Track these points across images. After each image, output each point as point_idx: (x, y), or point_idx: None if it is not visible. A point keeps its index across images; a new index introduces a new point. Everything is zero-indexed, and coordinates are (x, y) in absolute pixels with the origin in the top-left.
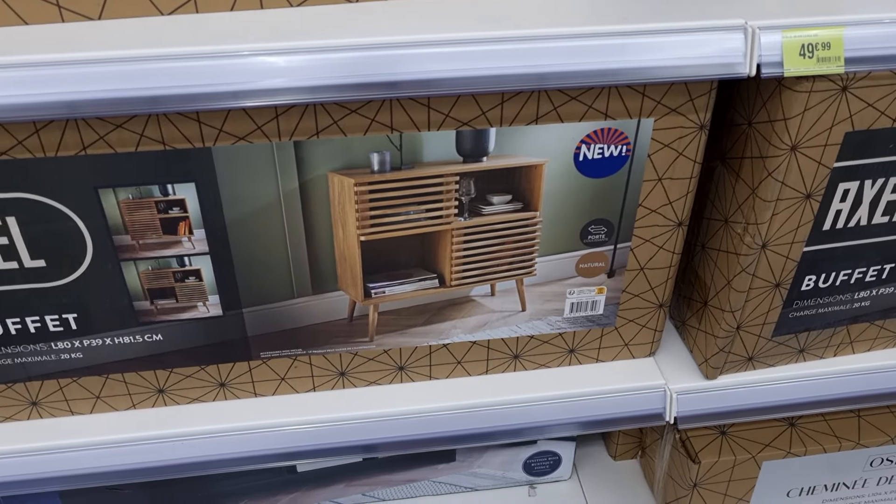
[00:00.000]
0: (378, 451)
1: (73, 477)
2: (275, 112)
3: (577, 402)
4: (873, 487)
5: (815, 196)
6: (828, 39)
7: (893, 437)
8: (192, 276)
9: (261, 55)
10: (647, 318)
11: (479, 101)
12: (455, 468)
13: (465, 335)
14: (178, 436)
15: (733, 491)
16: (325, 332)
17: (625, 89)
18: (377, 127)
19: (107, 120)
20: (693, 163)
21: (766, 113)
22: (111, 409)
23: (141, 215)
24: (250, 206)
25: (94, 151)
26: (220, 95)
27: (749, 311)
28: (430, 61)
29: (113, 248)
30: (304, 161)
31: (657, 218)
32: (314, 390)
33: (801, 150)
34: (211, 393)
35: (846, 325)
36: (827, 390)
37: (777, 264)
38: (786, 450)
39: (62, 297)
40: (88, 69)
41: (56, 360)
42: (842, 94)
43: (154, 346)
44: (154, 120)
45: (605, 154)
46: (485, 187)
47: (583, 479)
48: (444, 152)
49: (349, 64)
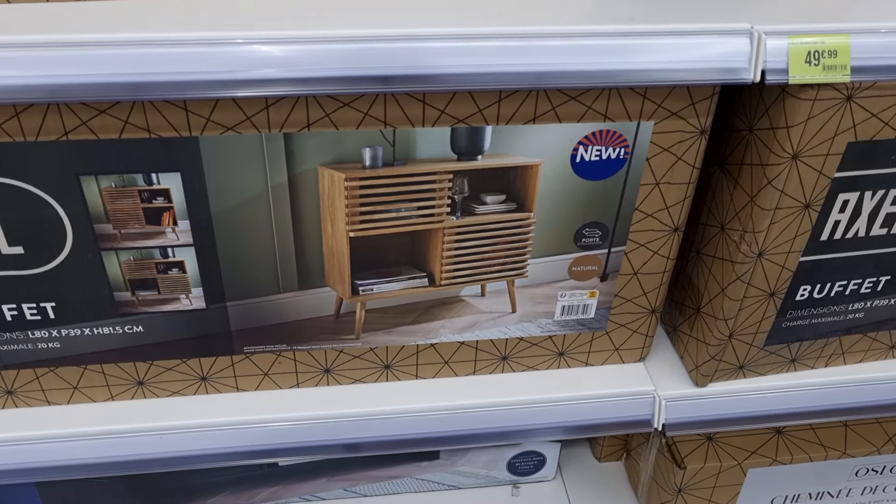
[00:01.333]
0: (361, 450)
1: (49, 468)
2: (265, 103)
3: (564, 406)
4: (857, 497)
5: (814, 206)
6: (834, 47)
7: (880, 447)
8: (175, 267)
9: (253, 44)
10: (638, 323)
11: (475, 99)
12: (439, 466)
13: (453, 335)
14: (157, 429)
15: (718, 497)
16: (310, 329)
17: (625, 91)
18: (370, 121)
19: (90, 105)
20: (692, 168)
21: (768, 120)
22: (89, 400)
23: (123, 204)
24: (237, 198)
25: (76, 137)
26: (209, 84)
27: (742, 319)
28: (427, 56)
29: (94, 237)
30: (293, 154)
31: (653, 223)
32: (298, 386)
33: (802, 159)
34: (192, 387)
35: (839, 336)
36: (817, 401)
37: (773, 273)
38: (772, 457)
39: (40, 286)
40: (71, 52)
41: (33, 350)
42: (846, 104)
43: (134, 338)
44: (139, 107)
45: (602, 156)
46: (479, 186)
47: (567, 480)
48: (438, 149)
49: (343, 56)
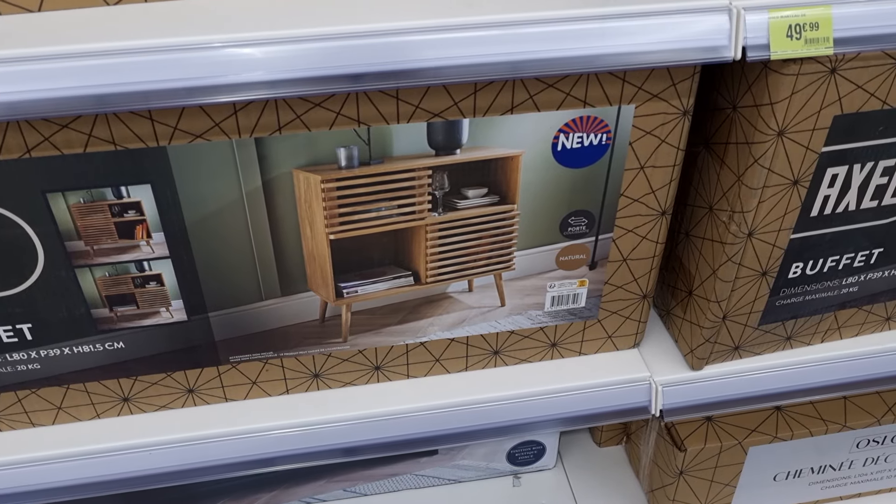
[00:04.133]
0: (357, 454)
1: (37, 492)
2: (233, 108)
3: (559, 397)
4: (859, 468)
5: (802, 182)
6: (816, 19)
7: (880, 418)
8: (152, 280)
9: (216, 48)
10: (630, 309)
11: (450, 92)
12: (438, 461)
13: (442, 333)
14: (147, 445)
15: (720, 477)
16: (296, 334)
17: (604, 75)
18: (343, 121)
19: (51, 120)
20: (676, 150)
21: (751, 97)
22: (74, 419)
23: (94, 219)
24: (211, 207)
25: (39, 154)
26: (173, 92)
27: (735, 300)
28: (398, 51)
29: (66, 255)
30: (266, 158)
31: (640, 207)
32: (287, 393)
33: (788, 136)
34: (179, 399)
35: (834, 312)
36: (815, 377)
37: (764, 252)
38: (772, 435)
39: (14, 307)
40: (28, 67)
41: (12, 372)
42: (830, 77)
43: (116, 355)
44: (103, 119)
45: (584, 143)
46: (459, 181)
47: (567, 467)
48: (415, 145)
49: (311, 56)
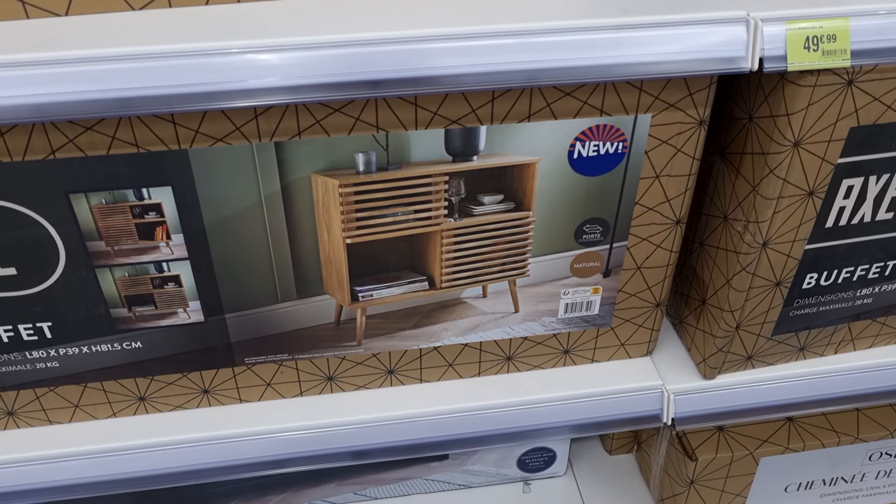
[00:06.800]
0: (368, 457)
1: (52, 489)
2: (254, 112)
3: (571, 404)
4: (871, 481)
5: (817, 193)
6: (833, 31)
7: (893, 430)
8: (171, 282)
9: (238, 53)
10: (643, 317)
11: (468, 99)
12: (448, 466)
13: (456, 338)
14: (161, 445)
15: (731, 487)
16: (311, 337)
17: (621, 85)
18: (362, 126)
19: (76, 122)
20: (692, 159)
21: (767, 107)
22: (91, 417)
23: (115, 220)
24: (230, 210)
25: (63, 155)
26: (196, 96)
27: (749, 310)
28: (417, 58)
29: (87, 255)
30: (285, 162)
31: (654, 216)
32: (301, 395)
33: (804, 147)
34: (194, 400)
35: (847, 323)
36: (828, 389)
37: (778, 263)
38: (784, 445)
39: (35, 306)
40: (54, 70)
41: (31, 370)
42: (847, 89)
43: (133, 354)
44: (126, 122)
45: (600, 151)
46: (475, 187)
47: (578, 475)
48: (432, 151)
49: (331, 62)
